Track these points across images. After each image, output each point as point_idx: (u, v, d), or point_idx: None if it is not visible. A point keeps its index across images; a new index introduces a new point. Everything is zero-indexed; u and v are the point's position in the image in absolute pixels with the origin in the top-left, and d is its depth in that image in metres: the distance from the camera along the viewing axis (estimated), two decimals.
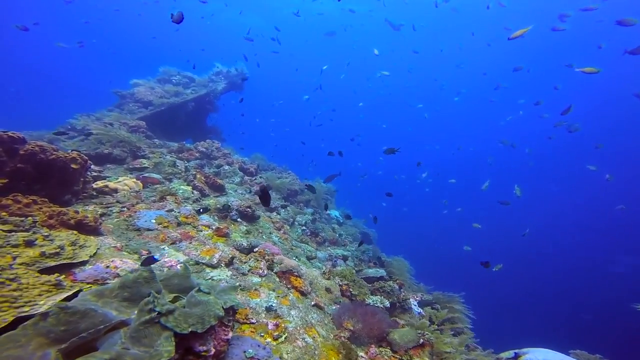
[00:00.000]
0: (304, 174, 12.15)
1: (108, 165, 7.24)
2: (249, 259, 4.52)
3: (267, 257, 4.64)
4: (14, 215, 3.68)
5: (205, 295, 2.32)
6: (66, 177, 4.98)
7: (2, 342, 1.77)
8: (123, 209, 5.17)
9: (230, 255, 4.39)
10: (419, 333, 4.01)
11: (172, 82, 13.13)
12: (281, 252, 5.08)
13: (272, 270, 4.55)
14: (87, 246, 3.59)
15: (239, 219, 6.00)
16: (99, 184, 5.88)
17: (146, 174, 6.78)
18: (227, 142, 14.63)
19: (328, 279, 5.05)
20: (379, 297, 4.77)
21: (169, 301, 2.56)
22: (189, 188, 6.69)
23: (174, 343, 1.86)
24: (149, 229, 4.70)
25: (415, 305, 5.35)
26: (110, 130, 7.85)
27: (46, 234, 3.40)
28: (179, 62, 14.38)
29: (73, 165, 4.97)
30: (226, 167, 9.03)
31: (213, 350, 2.12)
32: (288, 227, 7.16)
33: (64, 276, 2.63)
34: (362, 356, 3.46)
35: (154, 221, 4.91)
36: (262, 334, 3.14)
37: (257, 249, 4.84)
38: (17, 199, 4.03)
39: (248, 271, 4.27)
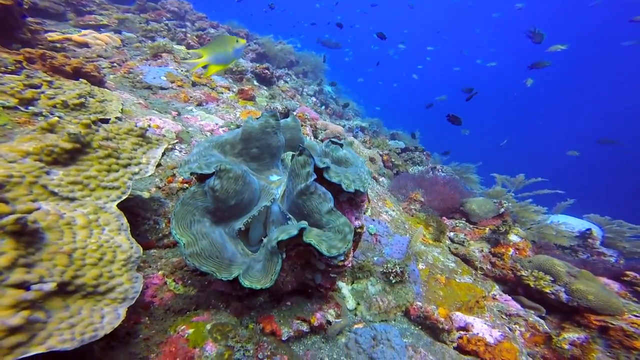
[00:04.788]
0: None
1: (45, 21, 5.27)
2: None
3: (309, 122, 4.13)
4: None
5: (340, 148, 1.88)
6: None
7: (180, 212, 1.32)
8: (113, 64, 3.97)
9: None
10: (495, 202, 3.83)
11: None
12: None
13: (317, 137, 4.14)
14: (108, 100, 2.72)
15: (256, 82, 5.09)
16: (55, 36, 4.30)
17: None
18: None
19: (369, 148, 4.84)
20: (421, 167, 4.77)
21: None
22: (183, 48, 5.32)
23: (343, 217, 1.51)
24: (162, 87, 3.75)
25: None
26: None
27: (48, 79, 2.43)
28: None
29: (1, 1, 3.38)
30: (212, 30, 7.26)
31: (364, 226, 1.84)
32: (300, 97, 6.42)
33: (145, 123, 1.95)
34: None
35: (164, 78, 3.91)
36: None
37: (295, 112, 4.25)
38: None
39: None
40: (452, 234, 3.60)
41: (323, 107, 6.91)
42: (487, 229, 3.59)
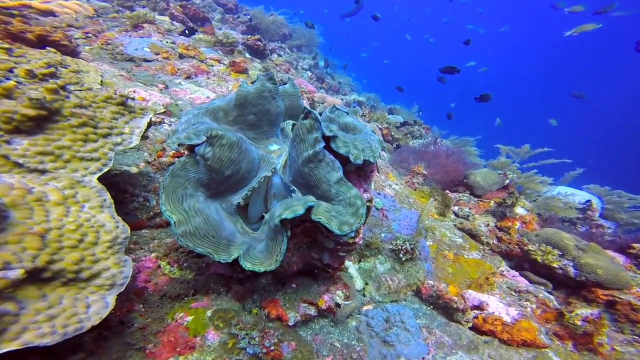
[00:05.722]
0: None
1: None
2: None
3: (306, 95, 3.90)
4: None
5: (346, 114, 1.70)
6: None
7: (170, 185, 1.17)
8: (88, 35, 3.64)
9: None
10: (500, 173, 3.73)
11: None
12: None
13: (315, 109, 3.92)
14: (85, 71, 2.46)
15: (248, 55, 4.78)
16: (7, 1, 3.86)
17: None
18: None
19: (368, 121, 4.64)
20: (421, 141, 4.61)
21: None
22: (166, 19, 4.93)
23: (354, 189, 1.34)
24: (146, 59, 3.47)
25: None
26: None
27: (6, 46, 2.15)
28: None
29: None
30: (197, 1, 6.75)
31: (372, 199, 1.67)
32: (294, 71, 6.11)
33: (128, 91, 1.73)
34: None
35: (147, 49, 3.61)
36: None
37: None
38: None
39: None
40: (456, 207, 3.49)
41: (318, 81, 6.62)
42: (492, 201, 3.49)
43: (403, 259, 2.00)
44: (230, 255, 1.29)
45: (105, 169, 1.25)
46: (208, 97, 3.15)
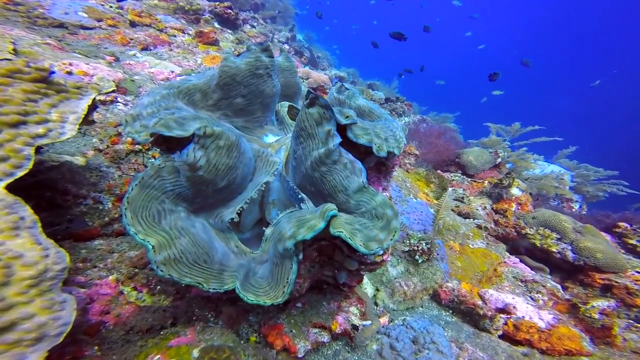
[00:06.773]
0: None
1: None
2: None
3: None
4: None
5: (359, 95, 1.35)
6: None
7: (138, 197, 0.76)
8: None
9: None
10: (491, 151, 3.62)
11: None
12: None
13: None
14: None
15: (217, 24, 4.16)
16: None
17: None
18: None
19: None
20: (407, 119, 4.36)
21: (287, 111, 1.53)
22: None
23: (379, 195, 1.01)
24: (83, 26, 2.81)
25: None
26: None
27: None
28: None
29: None
30: None
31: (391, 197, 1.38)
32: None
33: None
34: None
35: (83, 14, 2.94)
36: None
37: None
38: None
39: None
40: (450, 189, 3.33)
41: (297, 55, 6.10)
42: (486, 182, 3.36)
43: (419, 261, 1.75)
44: (224, 284, 0.95)
45: (20, 173, 0.83)
46: (172, 72, 2.63)
